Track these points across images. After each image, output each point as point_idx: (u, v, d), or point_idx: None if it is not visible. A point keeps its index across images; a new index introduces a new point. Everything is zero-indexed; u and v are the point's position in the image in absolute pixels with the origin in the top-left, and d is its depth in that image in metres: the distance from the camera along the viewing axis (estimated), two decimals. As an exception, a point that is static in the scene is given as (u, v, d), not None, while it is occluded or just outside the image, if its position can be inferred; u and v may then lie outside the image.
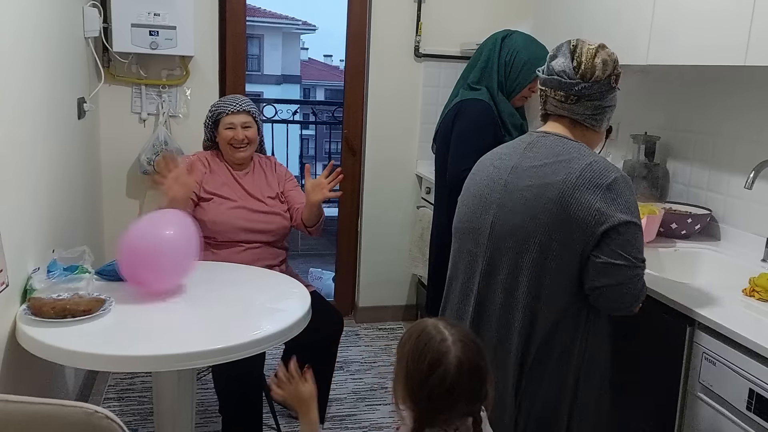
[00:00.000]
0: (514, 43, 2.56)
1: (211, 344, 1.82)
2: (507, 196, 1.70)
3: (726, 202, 2.48)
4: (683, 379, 1.81)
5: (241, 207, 2.67)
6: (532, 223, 1.64)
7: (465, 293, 1.81)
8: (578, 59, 1.70)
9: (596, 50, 1.71)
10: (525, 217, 1.65)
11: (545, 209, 1.62)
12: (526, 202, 1.66)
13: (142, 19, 3.20)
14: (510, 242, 1.68)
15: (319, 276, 5.39)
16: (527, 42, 2.58)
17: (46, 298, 1.93)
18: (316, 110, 8.39)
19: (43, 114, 2.31)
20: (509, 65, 2.54)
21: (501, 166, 1.76)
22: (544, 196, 1.63)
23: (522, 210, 1.66)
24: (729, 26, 2.04)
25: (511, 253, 1.69)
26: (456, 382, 1.30)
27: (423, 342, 1.34)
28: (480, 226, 1.75)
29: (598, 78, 1.68)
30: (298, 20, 17.89)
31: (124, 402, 3.03)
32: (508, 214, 1.69)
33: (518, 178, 1.70)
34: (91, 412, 1.31)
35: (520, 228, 1.66)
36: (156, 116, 3.48)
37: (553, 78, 1.72)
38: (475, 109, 2.51)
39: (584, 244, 1.61)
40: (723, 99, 2.49)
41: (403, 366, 1.35)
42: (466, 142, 2.47)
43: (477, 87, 2.57)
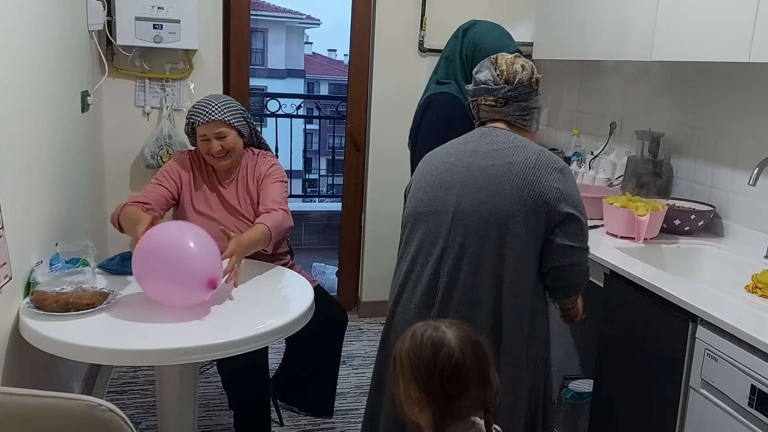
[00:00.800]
0: (474, 34, 2.52)
1: (213, 338, 1.82)
2: (470, 175, 1.80)
3: (729, 198, 2.48)
4: (685, 375, 1.82)
5: (217, 224, 2.43)
6: (500, 197, 1.75)
7: (431, 275, 1.82)
8: (500, 68, 1.87)
9: (514, 59, 1.89)
10: (491, 192, 1.75)
11: (512, 185, 1.74)
12: (491, 179, 1.76)
13: (146, 12, 3.20)
14: (475, 218, 1.77)
15: (323, 271, 5.39)
16: (488, 31, 2.53)
17: (49, 291, 1.93)
18: (320, 104, 8.38)
19: (46, 107, 2.31)
20: (470, 58, 2.49)
21: (458, 153, 1.87)
22: (509, 172, 1.75)
23: (487, 186, 1.76)
24: (733, 23, 2.03)
25: (476, 229, 1.76)
26: (462, 358, 1.32)
27: (418, 336, 1.36)
28: (442, 207, 1.82)
29: (520, 80, 1.85)
30: (302, 14, 17.87)
31: (127, 395, 3.04)
32: (473, 191, 1.78)
33: (480, 159, 1.81)
34: (94, 405, 1.31)
35: (487, 203, 1.76)
36: (159, 110, 3.48)
37: (480, 87, 1.89)
38: (442, 103, 2.48)
39: (547, 220, 1.75)
40: (727, 95, 2.49)
41: (407, 368, 1.35)
42: (435, 136, 2.33)
43: (445, 81, 2.54)
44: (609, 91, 3.22)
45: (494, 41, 2.48)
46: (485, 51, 2.42)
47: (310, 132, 12.26)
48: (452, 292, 1.80)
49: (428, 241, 1.84)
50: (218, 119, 2.45)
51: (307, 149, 10.93)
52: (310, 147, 12.24)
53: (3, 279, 1.79)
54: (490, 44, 2.46)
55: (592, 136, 3.34)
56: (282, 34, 17.85)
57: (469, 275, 1.77)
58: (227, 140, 2.48)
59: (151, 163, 3.37)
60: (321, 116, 8.37)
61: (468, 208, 1.77)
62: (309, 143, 12.25)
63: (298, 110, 6.74)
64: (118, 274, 2.23)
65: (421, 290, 1.85)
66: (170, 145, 3.38)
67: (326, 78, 18.50)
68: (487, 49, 2.44)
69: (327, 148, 10.93)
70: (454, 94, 2.48)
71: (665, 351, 1.89)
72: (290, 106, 6.50)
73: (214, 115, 2.45)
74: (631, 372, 2.05)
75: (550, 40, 3.19)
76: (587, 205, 2.62)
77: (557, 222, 1.76)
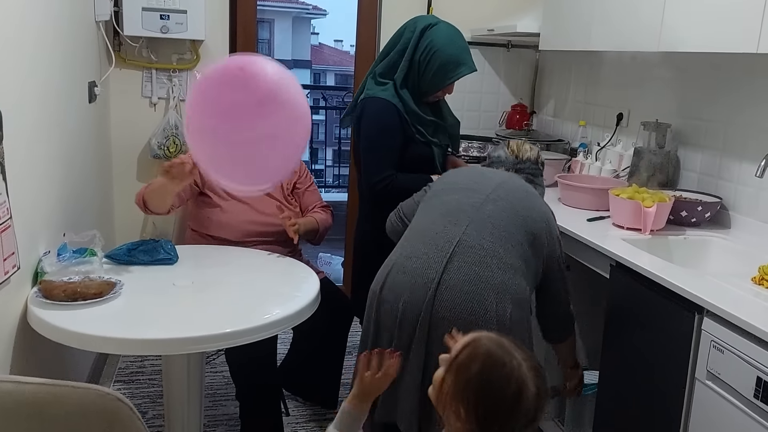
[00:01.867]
0: (433, 40, 2.38)
1: (220, 328, 1.83)
2: (510, 181, 2.04)
3: (737, 190, 2.47)
4: (691, 367, 1.81)
5: (249, 207, 2.61)
6: (534, 201, 2.00)
7: (449, 233, 1.89)
8: (511, 148, 2.19)
9: (523, 141, 2.23)
10: (529, 196, 2.00)
11: (534, 217, 1.95)
12: (517, 203, 1.96)
13: (153, 2, 3.20)
14: (509, 203, 1.94)
15: (329, 261, 5.40)
16: (448, 40, 2.39)
17: (57, 281, 1.94)
18: (326, 95, 8.37)
19: (54, 98, 2.32)
20: (423, 64, 2.39)
21: (491, 169, 2.15)
22: (534, 204, 2.00)
23: (526, 193, 2.01)
24: (741, 14, 2.02)
25: (509, 211, 1.94)
26: (535, 415, 1.23)
27: (498, 366, 1.23)
28: (480, 187, 1.98)
29: (528, 158, 2.17)
30: (308, 5, 17.80)
31: (134, 384, 3.06)
32: (512, 191, 1.99)
33: (509, 181, 2.04)
34: (102, 393, 1.32)
35: (523, 200, 1.97)
36: (166, 100, 3.48)
37: (494, 161, 2.20)
38: (377, 112, 2.40)
39: (540, 267, 1.97)
40: (735, 87, 2.47)
41: (471, 390, 1.22)
42: (376, 149, 2.38)
43: (383, 81, 2.44)
44: (616, 82, 3.20)
45: (451, 56, 2.38)
46: (442, 63, 2.36)
47: (317, 122, 12.23)
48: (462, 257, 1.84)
49: (456, 208, 1.95)
50: None
51: (313, 140, 10.93)
52: (317, 137, 12.22)
53: (11, 268, 1.80)
54: (447, 57, 2.37)
55: (598, 127, 3.33)
56: (288, 24, 17.80)
57: (483, 248, 1.85)
58: None
59: (158, 153, 3.38)
60: (327, 107, 8.37)
61: (504, 195, 1.96)
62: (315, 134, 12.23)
63: (305, 101, 6.72)
64: (125, 263, 2.24)
65: (433, 250, 1.87)
66: (177, 136, 3.38)
67: (333, 68, 18.45)
68: (444, 62, 2.36)
69: (333, 139, 10.91)
70: (389, 99, 2.39)
71: (671, 342, 1.89)
72: (297, 96, 6.48)
73: None
74: (636, 363, 2.05)
75: (556, 30, 3.18)
76: (593, 197, 2.64)
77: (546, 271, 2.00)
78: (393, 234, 2.19)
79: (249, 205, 2.62)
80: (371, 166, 2.39)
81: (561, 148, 3.44)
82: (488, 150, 2.20)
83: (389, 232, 2.23)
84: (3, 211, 1.73)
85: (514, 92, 3.93)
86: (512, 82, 3.94)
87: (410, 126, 2.43)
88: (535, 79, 3.95)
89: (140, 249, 2.27)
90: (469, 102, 3.85)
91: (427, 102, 2.50)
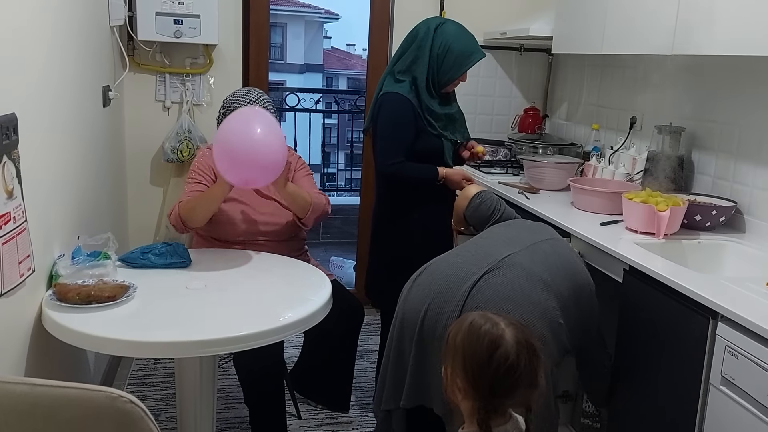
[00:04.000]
0: (446, 34, 2.58)
1: (233, 331, 1.83)
2: (557, 240, 2.11)
3: (752, 194, 2.45)
4: (705, 372, 1.80)
5: (248, 208, 2.64)
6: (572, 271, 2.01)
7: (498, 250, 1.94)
8: None
9: None
10: (563, 266, 1.98)
11: (582, 274, 2.03)
12: (572, 257, 2.07)
13: (167, 7, 3.22)
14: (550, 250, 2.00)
15: (340, 265, 5.40)
16: (458, 33, 2.60)
17: (71, 284, 1.95)
18: (338, 99, 8.39)
19: (69, 102, 2.33)
20: (441, 57, 2.57)
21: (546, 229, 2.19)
22: (583, 266, 2.07)
23: (565, 258, 2.03)
24: (757, 16, 2.01)
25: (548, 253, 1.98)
26: (516, 361, 1.32)
27: (475, 329, 1.36)
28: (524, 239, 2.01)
29: None
30: (321, 9, 17.85)
31: (147, 387, 3.07)
32: (557, 248, 2.04)
33: (564, 242, 2.18)
34: (115, 396, 1.33)
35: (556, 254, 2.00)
36: (180, 104, 3.50)
37: None
38: (393, 105, 2.58)
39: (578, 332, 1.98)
40: (749, 89, 2.45)
41: (459, 358, 1.36)
42: (387, 138, 2.60)
43: (401, 78, 2.61)
44: (629, 85, 3.19)
45: (464, 47, 2.59)
46: (456, 55, 2.57)
47: (329, 126, 12.28)
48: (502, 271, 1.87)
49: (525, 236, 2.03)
50: (260, 106, 2.62)
51: (326, 143, 10.96)
52: (329, 141, 12.26)
53: (26, 271, 1.82)
54: (461, 49, 2.58)
55: (612, 131, 3.31)
56: (301, 28, 17.85)
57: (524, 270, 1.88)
58: None
59: (171, 157, 3.39)
60: (339, 111, 8.39)
61: (546, 248, 2.01)
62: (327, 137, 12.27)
63: (317, 105, 6.76)
64: (138, 267, 2.25)
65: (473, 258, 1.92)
66: (190, 140, 3.40)
67: (345, 72, 18.49)
68: (457, 54, 2.57)
69: (345, 143, 10.93)
70: (405, 95, 2.57)
71: (685, 348, 1.87)
72: (309, 100, 6.51)
73: (257, 101, 2.65)
74: (650, 369, 2.04)
75: (569, 33, 3.17)
76: (607, 201, 2.63)
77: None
78: (476, 214, 2.29)
79: (248, 205, 2.65)
80: (384, 151, 2.60)
81: (574, 151, 3.43)
82: None
83: (474, 209, 2.30)
84: (18, 214, 1.74)
85: (526, 96, 3.92)
86: (525, 86, 3.93)
87: (422, 119, 2.59)
88: (548, 82, 3.94)
89: (153, 252, 2.29)
90: (482, 105, 3.85)
91: (442, 94, 2.66)
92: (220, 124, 2.69)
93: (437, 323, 1.83)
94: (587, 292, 2.01)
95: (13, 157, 1.72)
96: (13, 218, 1.70)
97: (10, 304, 1.74)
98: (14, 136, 1.72)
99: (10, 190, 1.69)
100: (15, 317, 1.81)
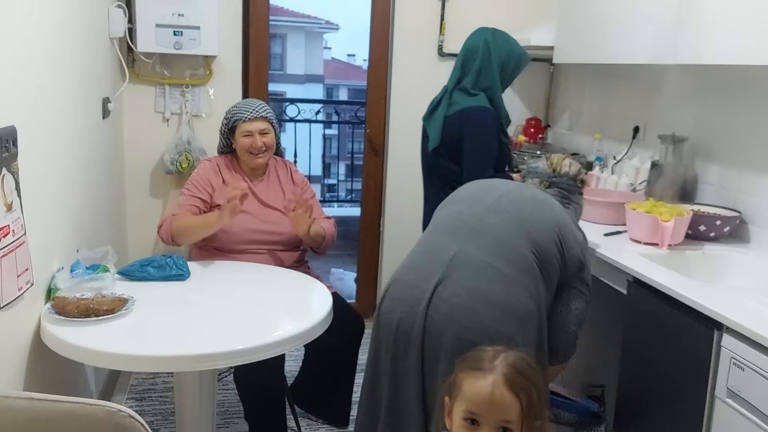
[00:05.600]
0: (500, 42, 2.65)
1: (232, 345, 1.82)
2: (515, 191, 2.00)
3: (756, 203, 2.43)
4: (710, 384, 1.78)
5: (252, 217, 2.65)
6: (538, 214, 1.92)
7: (446, 247, 1.87)
8: (550, 161, 2.17)
9: (565, 156, 2.20)
10: (534, 206, 1.93)
11: (540, 228, 1.89)
12: (535, 200, 1.95)
13: (167, 19, 3.22)
14: (509, 214, 1.90)
15: (341, 277, 5.38)
16: (506, 37, 2.69)
17: (69, 297, 1.94)
18: (339, 110, 8.41)
19: (69, 114, 2.33)
20: (507, 64, 2.65)
21: (498, 183, 2.08)
22: (543, 213, 1.92)
23: (531, 202, 1.95)
24: (759, 25, 2.00)
25: (510, 223, 1.89)
26: None
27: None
28: (482, 197, 1.97)
29: (566, 173, 2.13)
30: (321, 19, 17.92)
31: (146, 402, 3.05)
32: (515, 200, 1.95)
33: (516, 190, 2.02)
34: (114, 410, 1.32)
35: (525, 211, 1.92)
36: (179, 116, 3.50)
37: (531, 171, 2.18)
38: (483, 118, 2.58)
39: (555, 280, 1.92)
40: (752, 99, 2.45)
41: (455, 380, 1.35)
42: (482, 155, 2.58)
43: (474, 92, 2.62)
44: (631, 94, 3.18)
45: (517, 48, 2.68)
46: (515, 58, 2.67)
47: (329, 137, 12.29)
48: (461, 269, 1.81)
49: (457, 219, 1.93)
50: (263, 116, 2.68)
51: (326, 154, 10.97)
52: (329, 152, 12.27)
53: (25, 284, 1.80)
54: (517, 51, 2.67)
55: (614, 141, 3.30)
56: (301, 39, 17.92)
57: (484, 261, 1.81)
58: (268, 138, 2.68)
59: (171, 169, 3.39)
60: (340, 121, 8.40)
61: (506, 206, 1.92)
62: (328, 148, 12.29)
63: (317, 115, 6.75)
64: (138, 280, 2.24)
65: (430, 263, 1.85)
66: (189, 151, 3.39)
67: (345, 83, 18.54)
68: (515, 56, 2.67)
69: (346, 153, 10.94)
70: (488, 107, 2.61)
71: (690, 359, 1.85)
72: (309, 111, 6.51)
73: (260, 112, 2.68)
74: (654, 381, 2.02)
75: (570, 43, 3.17)
76: (610, 211, 2.61)
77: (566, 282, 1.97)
78: None
79: (251, 214, 2.64)
80: (479, 168, 2.55)
81: (576, 161, 3.42)
82: (528, 162, 2.19)
83: None
84: (18, 227, 1.73)
85: (528, 106, 3.92)
86: (526, 96, 3.92)
87: (502, 130, 2.66)
88: (550, 92, 3.94)
89: (153, 265, 2.28)
90: (483, 116, 3.84)
91: None
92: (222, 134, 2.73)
93: (408, 350, 1.78)
94: (551, 245, 1.88)
95: (13, 170, 1.71)
96: (12, 231, 1.69)
97: (8, 317, 1.73)
98: (14, 148, 1.71)
99: (10, 203, 1.68)
100: (13, 331, 1.80)
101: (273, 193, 2.74)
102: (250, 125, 2.65)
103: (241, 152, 2.70)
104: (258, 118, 2.66)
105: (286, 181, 2.80)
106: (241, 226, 2.62)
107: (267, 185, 2.75)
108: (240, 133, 2.66)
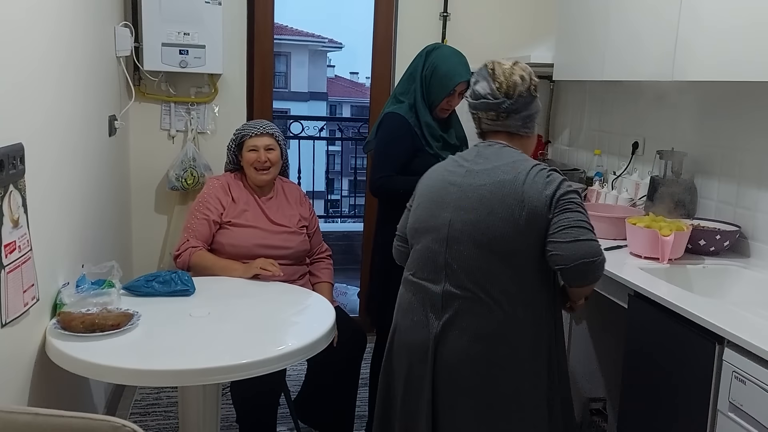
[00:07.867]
0: (435, 57, 2.66)
1: (236, 359, 1.83)
2: (462, 195, 1.83)
3: (755, 218, 2.45)
4: (712, 399, 1.78)
5: (260, 232, 2.69)
6: (491, 217, 1.77)
7: (431, 291, 1.86)
8: (498, 80, 1.85)
9: (512, 68, 1.87)
10: (482, 213, 1.78)
11: (502, 203, 1.76)
12: (482, 199, 1.79)
13: (173, 38, 3.26)
14: (467, 238, 1.80)
15: (344, 291, 5.39)
16: (448, 56, 2.65)
17: (75, 312, 1.95)
18: (342, 126, 8.44)
19: (76, 131, 2.35)
20: (428, 79, 2.64)
21: (455, 171, 1.90)
22: (500, 192, 1.77)
23: (478, 206, 1.79)
24: (757, 42, 2.02)
25: (470, 249, 1.79)
26: None
27: None
28: (438, 225, 1.85)
29: (520, 93, 1.85)
30: (324, 38, 18.04)
31: (150, 416, 3.05)
32: (465, 212, 1.81)
33: (473, 179, 1.84)
34: (118, 425, 1.32)
35: (478, 224, 1.78)
36: (185, 133, 3.53)
37: (480, 102, 1.88)
38: (391, 123, 2.64)
39: (543, 229, 1.76)
40: (751, 113, 2.46)
41: None
42: (381, 153, 2.66)
43: (402, 99, 2.69)
44: (631, 110, 3.21)
45: (449, 69, 2.61)
46: (440, 76, 2.62)
47: (333, 153, 12.32)
48: (453, 308, 1.81)
49: (427, 258, 1.87)
50: (270, 132, 2.74)
51: (330, 170, 10.99)
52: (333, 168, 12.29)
53: (31, 300, 1.82)
54: (445, 71, 2.61)
55: (614, 156, 3.32)
56: (305, 57, 18.03)
57: (469, 291, 1.80)
58: (273, 154, 2.73)
59: (176, 185, 3.41)
60: (343, 138, 8.43)
61: (460, 228, 1.81)
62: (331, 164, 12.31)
63: (321, 132, 6.80)
64: (143, 295, 2.26)
65: (423, 306, 1.87)
66: (195, 168, 3.42)
67: (348, 100, 18.63)
68: (441, 75, 2.60)
69: (349, 169, 10.99)
70: (403, 114, 2.63)
71: (691, 374, 1.86)
72: (313, 128, 6.55)
73: (267, 128, 2.75)
74: (656, 395, 2.02)
75: (570, 60, 3.20)
76: (610, 226, 2.62)
77: (553, 218, 1.76)
78: (402, 259, 2.06)
79: (259, 228, 2.69)
80: (375, 167, 2.65)
81: (576, 177, 3.44)
82: (472, 79, 1.94)
83: (398, 260, 2.11)
84: (24, 243, 1.75)
85: (529, 122, 3.93)
86: (527, 112, 3.94)
87: (421, 138, 2.64)
88: (550, 108, 3.96)
89: (158, 280, 2.29)
90: (485, 132, 3.86)
91: (438, 117, 2.70)
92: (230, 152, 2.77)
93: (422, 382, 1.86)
94: (515, 242, 1.77)
95: (20, 186, 1.73)
96: (18, 247, 1.71)
97: (14, 332, 1.74)
98: (21, 165, 1.73)
99: (16, 219, 1.70)
100: (19, 346, 1.81)
101: (281, 211, 2.77)
102: (257, 140, 2.71)
103: (246, 167, 2.73)
104: (264, 134, 2.72)
105: (296, 203, 2.85)
106: (249, 241, 2.65)
107: (276, 203, 2.79)
108: (246, 149, 2.72)
